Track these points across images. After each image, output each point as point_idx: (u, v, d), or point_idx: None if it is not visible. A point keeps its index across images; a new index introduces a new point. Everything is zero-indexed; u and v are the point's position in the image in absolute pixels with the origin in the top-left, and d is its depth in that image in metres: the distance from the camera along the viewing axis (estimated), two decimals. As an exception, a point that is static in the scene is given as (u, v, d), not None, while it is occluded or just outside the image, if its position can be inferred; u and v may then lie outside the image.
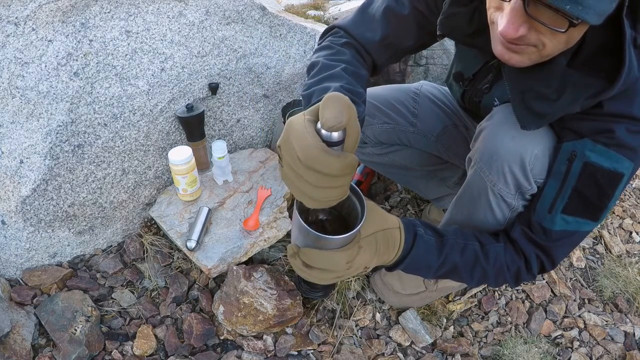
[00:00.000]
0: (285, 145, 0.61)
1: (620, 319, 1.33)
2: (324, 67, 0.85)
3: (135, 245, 1.33)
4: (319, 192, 0.61)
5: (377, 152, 1.30)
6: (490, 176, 0.86)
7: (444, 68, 1.71)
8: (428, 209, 1.55)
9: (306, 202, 0.64)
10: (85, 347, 1.07)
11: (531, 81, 0.78)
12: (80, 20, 1.16)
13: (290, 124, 0.61)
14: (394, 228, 0.78)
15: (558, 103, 0.75)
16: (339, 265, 0.71)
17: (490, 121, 0.88)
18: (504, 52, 0.73)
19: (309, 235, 0.69)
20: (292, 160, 0.60)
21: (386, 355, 1.19)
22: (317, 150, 0.57)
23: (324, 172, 0.58)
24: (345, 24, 0.97)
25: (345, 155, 0.58)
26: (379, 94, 1.23)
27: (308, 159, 0.57)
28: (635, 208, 1.67)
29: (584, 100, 0.72)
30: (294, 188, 0.63)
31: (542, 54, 0.71)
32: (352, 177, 0.63)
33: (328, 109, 0.56)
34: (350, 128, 0.59)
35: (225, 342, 1.17)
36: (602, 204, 0.80)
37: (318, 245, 0.70)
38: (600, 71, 0.71)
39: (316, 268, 0.71)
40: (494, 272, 0.88)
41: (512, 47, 0.71)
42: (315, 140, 0.57)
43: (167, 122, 1.34)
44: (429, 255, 0.84)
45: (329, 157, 0.57)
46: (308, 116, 0.60)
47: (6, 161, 1.14)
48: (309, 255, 0.71)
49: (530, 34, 0.67)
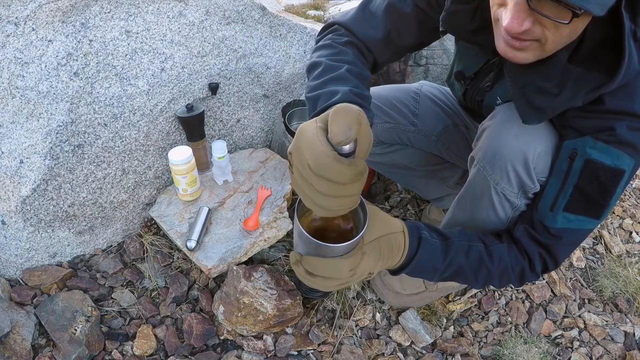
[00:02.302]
0: (296, 153, 0.60)
1: (620, 319, 1.33)
2: (327, 68, 0.84)
3: (135, 245, 1.33)
4: (330, 201, 0.61)
5: (377, 151, 1.30)
6: (494, 175, 0.86)
7: (444, 68, 1.70)
8: (428, 209, 1.55)
9: (317, 211, 0.63)
10: (85, 347, 1.07)
11: (532, 76, 0.78)
12: (80, 20, 1.16)
13: (301, 131, 0.61)
14: (398, 232, 0.78)
15: (559, 97, 0.75)
16: (342, 273, 0.70)
17: (493, 120, 0.87)
18: (508, 49, 0.73)
19: (311, 243, 0.68)
20: (302, 168, 0.60)
21: (386, 355, 1.19)
22: (328, 159, 0.56)
23: (335, 180, 0.58)
24: (346, 22, 0.96)
25: (356, 163, 0.58)
26: (380, 93, 1.23)
27: (319, 167, 0.57)
28: (635, 208, 1.67)
29: (585, 94, 0.72)
30: (305, 196, 0.62)
31: (545, 48, 0.71)
32: (363, 185, 0.62)
33: (336, 123, 0.56)
34: (361, 137, 0.59)
35: (225, 342, 1.17)
36: (604, 201, 0.80)
37: (320, 253, 0.70)
38: (601, 66, 0.71)
39: (319, 276, 0.71)
40: (498, 272, 0.87)
41: (516, 44, 0.71)
42: (327, 148, 0.57)
43: (167, 122, 1.34)
44: (435, 258, 0.83)
45: (340, 166, 0.57)
46: (320, 123, 0.59)
47: (6, 161, 1.14)
48: (311, 263, 0.70)
49: (534, 27, 0.67)
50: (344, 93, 0.76)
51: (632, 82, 0.72)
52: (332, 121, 0.57)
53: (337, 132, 0.56)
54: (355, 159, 0.59)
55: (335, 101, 0.75)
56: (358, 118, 0.57)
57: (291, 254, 0.73)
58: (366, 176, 0.61)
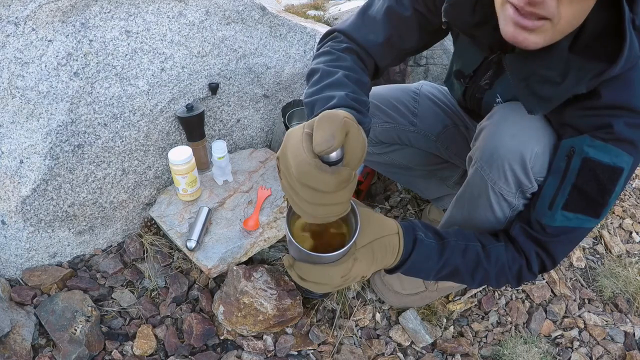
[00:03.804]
0: (282, 158, 0.60)
1: (620, 319, 1.32)
2: (325, 74, 0.84)
3: (135, 245, 1.33)
4: (315, 209, 0.60)
5: (377, 151, 1.30)
6: (491, 174, 0.86)
7: (444, 68, 1.71)
8: (428, 209, 1.55)
9: (305, 218, 0.62)
10: (85, 347, 1.07)
11: (534, 66, 0.77)
12: (80, 20, 1.16)
13: (288, 136, 0.60)
14: (392, 234, 0.77)
15: (563, 85, 0.73)
16: (334, 279, 0.70)
17: (491, 120, 0.87)
18: (518, 32, 0.68)
19: (301, 252, 0.68)
20: (288, 174, 0.59)
21: (386, 355, 1.19)
22: (309, 167, 0.55)
23: (317, 188, 0.56)
24: (345, 28, 0.95)
25: (340, 171, 0.56)
26: (380, 93, 1.23)
27: (301, 175, 0.56)
28: (635, 208, 1.67)
29: (589, 81, 0.71)
30: (293, 202, 0.62)
31: (557, 29, 0.67)
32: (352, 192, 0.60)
33: (319, 130, 0.55)
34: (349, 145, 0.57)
35: (225, 342, 1.17)
36: (602, 200, 0.79)
37: (310, 260, 0.69)
38: (602, 54, 0.70)
39: (311, 281, 0.71)
40: (495, 272, 0.87)
41: (528, 23, 0.66)
42: (309, 156, 0.55)
43: (167, 122, 1.34)
44: (430, 258, 0.83)
45: (321, 174, 0.55)
46: (307, 129, 0.58)
47: (6, 161, 1.14)
48: (303, 269, 0.70)
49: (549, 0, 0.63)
50: (340, 98, 0.75)
51: (630, 74, 0.71)
52: (316, 128, 0.55)
53: (320, 141, 0.54)
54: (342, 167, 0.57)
55: (331, 106, 0.74)
56: (344, 126, 0.55)
57: (285, 257, 0.73)
58: (354, 184, 0.60)
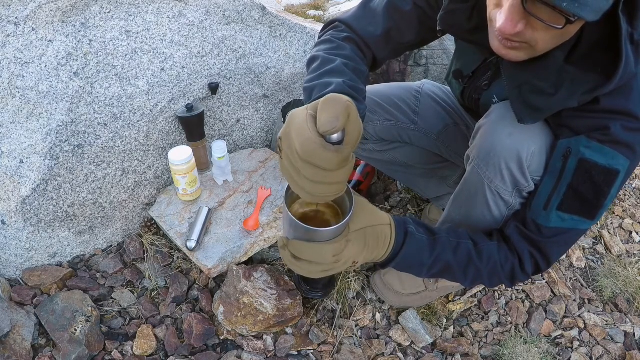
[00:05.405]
0: (285, 138, 0.62)
1: (620, 319, 1.32)
2: (324, 61, 0.86)
3: (135, 245, 1.33)
4: (316, 187, 0.62)
5: (377, 148, 1.30)
6: (488, 173, 0.86)
7: (444, 68, 1.71)
8: (428, 209, 1.55)
9: (303, 196, 0.65)
10: (85, 347, 1.07)
11: (529, 75, 0.78)
12: (80, 20, 1.16)
13: (291, 117, 0.62)
14: (384, 225, 0.79)
15: (555, 97, 0.75)
16: (326, 257, 0.72)
17: (488, 119, 0.88)
18: (501, 47, 0.74)
19: (298, 227, 0.71)
20: (291, 153, 0.61)
21: (386, 355, 1.19)
22: (315, 145, 0.58)
23: (321, 166, 0.59)
24: (346, 18, 0.98)
25: (342, 150, 0.59)
26: (381, 91, 1.23)
27: (306, 153, 0.59)
28: (635, 208, 1.67)
29: (581, 95, 0.73)
30: (292, 181, 0.64)
31: (536, 49, 0.72)
32: (350, 173, 0.64)
33: (324, 112, 0.58)
34: (349, 127, 0.60)
35: (225, 342, 1.17)
36: (598, 202, 0.79)
37: (306, 237, 0.72)
38: (598, 67, 0.71)
39: (304, 260, 0.73)
40: (487, 271, 0.88)
41: (508, 44, 0.72)
42: (315, 135, 0.58)
43: (167, 122, 1.34)
44: (421, 253, 0.84)
45: (326, 152, 0.58)
46: (310, 111, 0.61)
47: (6, 161, 1.14)
48: (297, 247, 0.72)
49: (526, 30, 0.68)
50: (338, 84, 0.77)
51: (628, 82, 0.72)
52: (320, 110, 0.58)
53: (325, 122, 0.57)
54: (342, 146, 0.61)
55: (328, 92, 0.76)
56: (347, 109, 0.58)
57: (279, 237, 0.75)
58: (352, 165, 0.63)
